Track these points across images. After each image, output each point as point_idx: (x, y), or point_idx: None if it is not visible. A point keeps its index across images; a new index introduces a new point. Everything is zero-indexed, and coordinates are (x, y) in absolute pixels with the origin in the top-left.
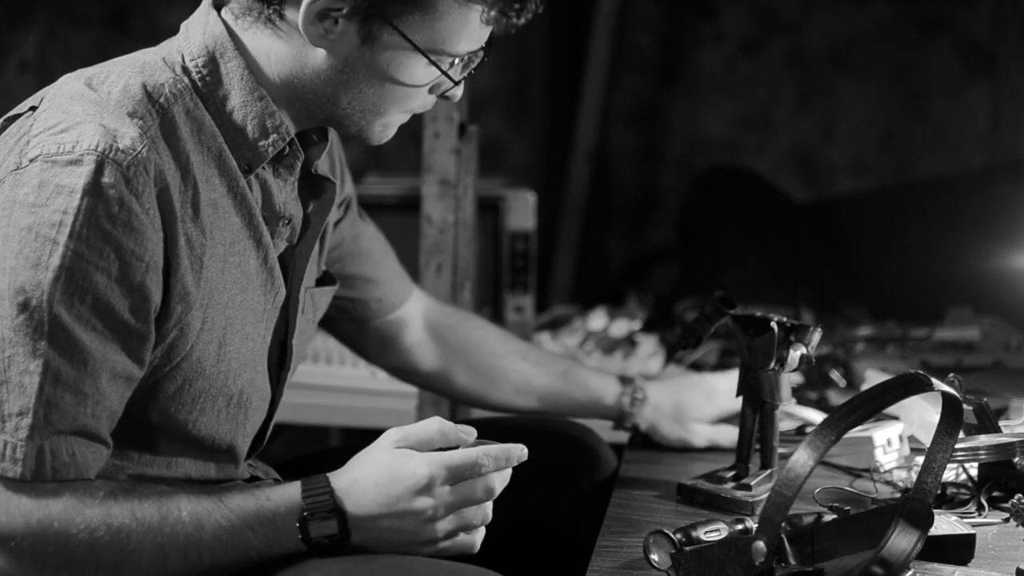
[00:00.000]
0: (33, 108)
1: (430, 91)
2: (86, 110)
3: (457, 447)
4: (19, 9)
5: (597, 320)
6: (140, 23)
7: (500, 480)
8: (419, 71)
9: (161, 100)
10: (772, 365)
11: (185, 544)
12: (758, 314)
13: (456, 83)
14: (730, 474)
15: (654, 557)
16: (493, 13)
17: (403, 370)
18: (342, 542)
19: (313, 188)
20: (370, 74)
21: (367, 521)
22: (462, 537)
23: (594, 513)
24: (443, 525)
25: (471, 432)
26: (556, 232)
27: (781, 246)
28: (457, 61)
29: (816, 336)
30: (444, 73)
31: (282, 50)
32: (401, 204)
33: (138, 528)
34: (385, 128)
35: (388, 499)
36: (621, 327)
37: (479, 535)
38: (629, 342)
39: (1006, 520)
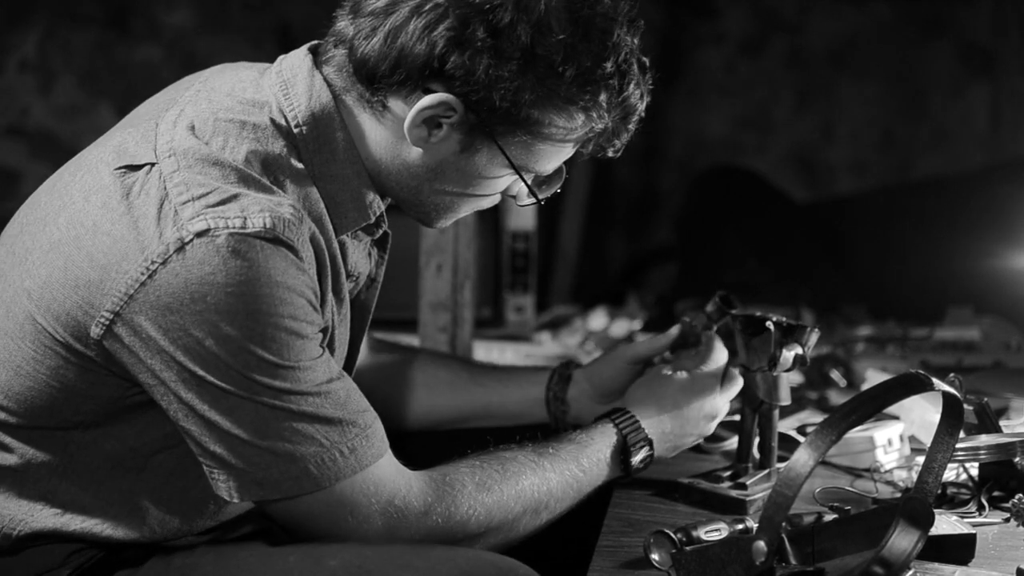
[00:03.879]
0: (151, 164)
1: (496, 196)
2: (226, 175)
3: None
4: (19, 9)
5: (597, 320)
6: (140, 23)
7: None
8: (503, 182)
9: (278, 174)
10: (767, 365)
11: (540, 500)
12: (757, 314)
13: (539, 201)
14: (727, 473)
15: (655, 557)
16: (591, 147)
17: None
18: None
19: (376, 243)
20: (457, 179)
21: (666, 439)
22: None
23: (595, 512)
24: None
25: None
26: (557, 232)
27: (781, 246)
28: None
29: (813, 337)
30: (531, 191)
31: (380, 135)
32: None
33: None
34: (449, 220)
35: (684, 416)
36: (621, 327)
37: None
38: (629, 342)
39: (1006, 520)
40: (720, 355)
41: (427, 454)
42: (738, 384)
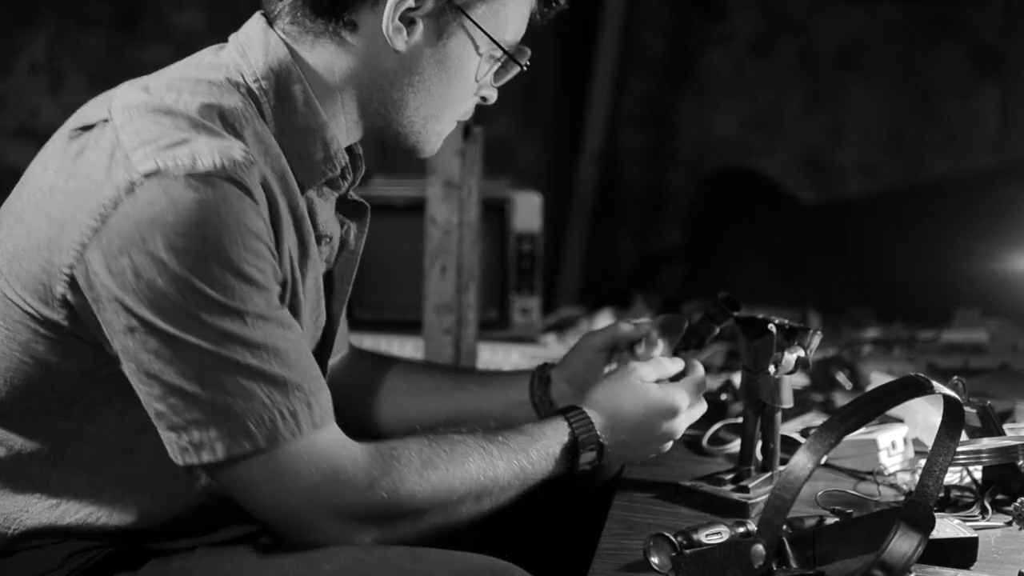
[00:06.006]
0: (105, 121)
1: (476, 86)
2: (178, 123)
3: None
4: (28, 11)
5: (604, 321)
6: (149, 24)
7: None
8: (481, 68)
9: (235, 124)
10: (770, 367)
11: (485, 485)
12: (759, 316)
13: (522, 67)
14: (730, 476)
15: (654, 560)
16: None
17: None
18: (599, 465)
19: (347, 210)
20: (440, 72)
21: (619, 447)
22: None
23: (596, 515)
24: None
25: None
26: (563, 233)
27: (789, 248)
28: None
29: (815, 339)
30: (511, 58)
31: (348, 62)
32: (408, 206)
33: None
34: (439, 137)
35: (641, 429)
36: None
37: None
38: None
39: (1009, 523)
40: (696, 379)
41: None
42: (701, 408)
